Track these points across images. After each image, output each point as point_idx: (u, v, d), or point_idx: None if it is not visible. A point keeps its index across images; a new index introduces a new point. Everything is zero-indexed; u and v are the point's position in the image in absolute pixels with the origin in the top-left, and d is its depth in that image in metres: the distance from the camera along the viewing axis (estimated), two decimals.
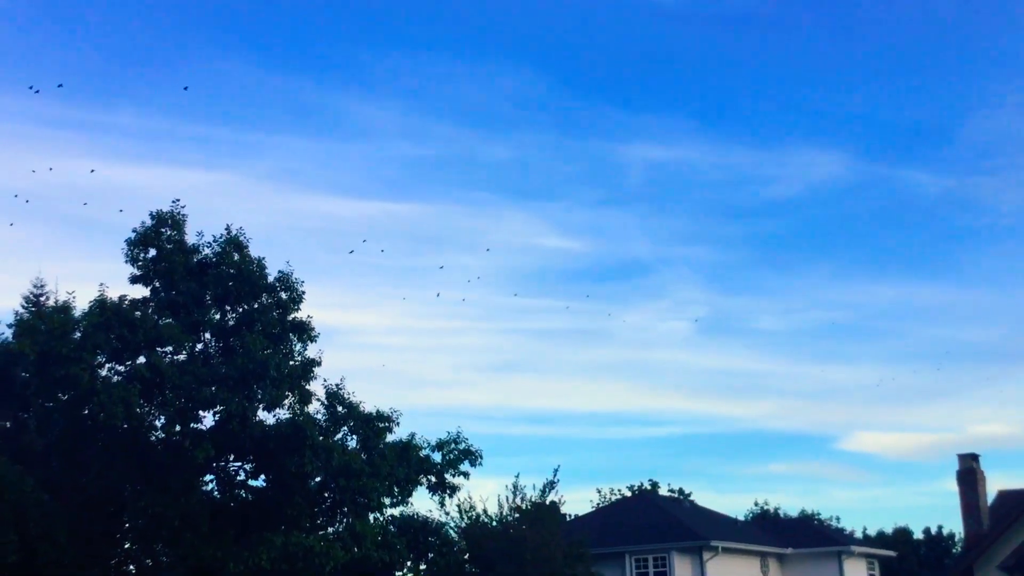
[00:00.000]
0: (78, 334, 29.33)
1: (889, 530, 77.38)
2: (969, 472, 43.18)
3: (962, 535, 49.53)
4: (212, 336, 31.35)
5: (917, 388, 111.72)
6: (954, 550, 72.99)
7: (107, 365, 29.75)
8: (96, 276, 37.64)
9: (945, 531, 76.88)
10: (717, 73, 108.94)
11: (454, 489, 33.32)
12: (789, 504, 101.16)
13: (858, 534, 73.53)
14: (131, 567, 31.13)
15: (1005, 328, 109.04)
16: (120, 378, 29.29)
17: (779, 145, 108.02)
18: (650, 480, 70.81)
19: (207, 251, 31.66)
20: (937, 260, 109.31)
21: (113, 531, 30.43)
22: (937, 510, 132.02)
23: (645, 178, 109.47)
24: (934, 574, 69.32)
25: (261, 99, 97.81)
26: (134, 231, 31.08)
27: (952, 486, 43.74)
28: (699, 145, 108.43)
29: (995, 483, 50.60)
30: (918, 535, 77.64)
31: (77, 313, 30.23)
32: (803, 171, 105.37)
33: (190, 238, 31.69)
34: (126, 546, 31.00)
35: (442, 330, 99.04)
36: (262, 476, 31.04)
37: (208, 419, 30.15)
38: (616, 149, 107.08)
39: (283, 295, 31.76)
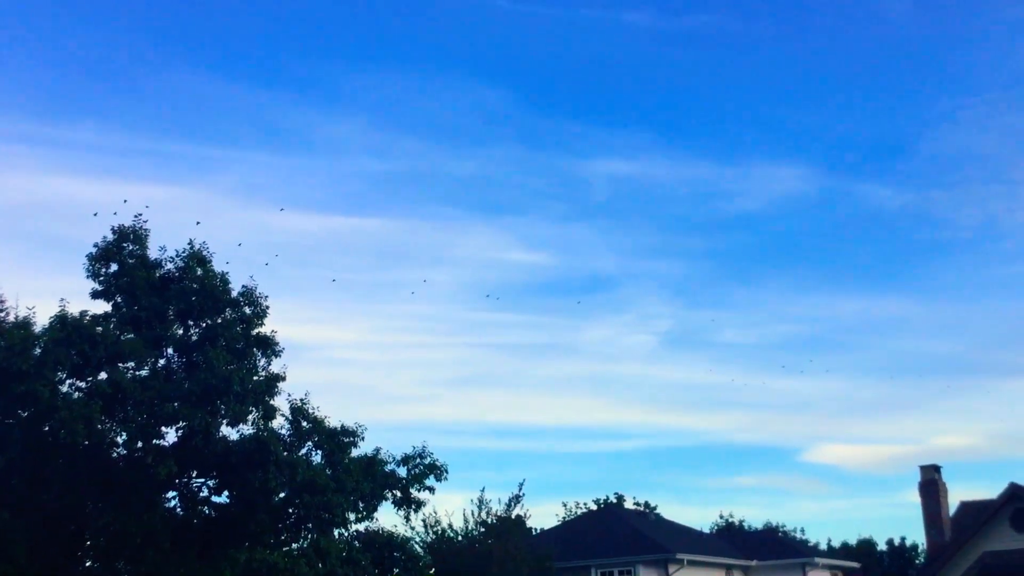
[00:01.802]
0: (38, 350, 29.00)
1: (853, 542, 77.96)
2: (931, 483, 43.49)
3: (925, 546, 49.90)
4: (175, 351, 31.11)
5: (880, 401, 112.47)
6: (917, 561, 73.54)
7: (68, 381, 29.42)
8: (57, 292, 37.10)
9: (908, 542, 77.63)
10: (680, 89, 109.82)
11: (419, 504, 33.17)
12: (754, 516, 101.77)
13: (822, 546, 74.15)
14: None
15: (965, 341, 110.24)
16: (81, 394, 28.98)
17: (742, 160, 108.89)
18: (616, 493, 70.98)
19: (170, 266, 31.46)
20: (898, 273, 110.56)
21: (74, 549, 30.05)
22: (900, 521, 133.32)
23: (610, 192, 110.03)
24: None
25: (225, 114, 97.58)
26: (95, 246, 30.85)
27: (915, 497, 44.09)
28: (663, 160, 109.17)
29: (957, 494, 51.20)
30: (882, 546, 78.25)
31: (37, 329, 29.86)
32: (766, 185, 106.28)
33: (152, 253, 31.50)
34: (87, 564, 30.62)
35: (407, 344, 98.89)
36: (225, 492, 30.79)
37: (171, 435, 29.92)
38: (581, 164, 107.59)
39: (247, 310, 31.57)
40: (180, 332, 31.16)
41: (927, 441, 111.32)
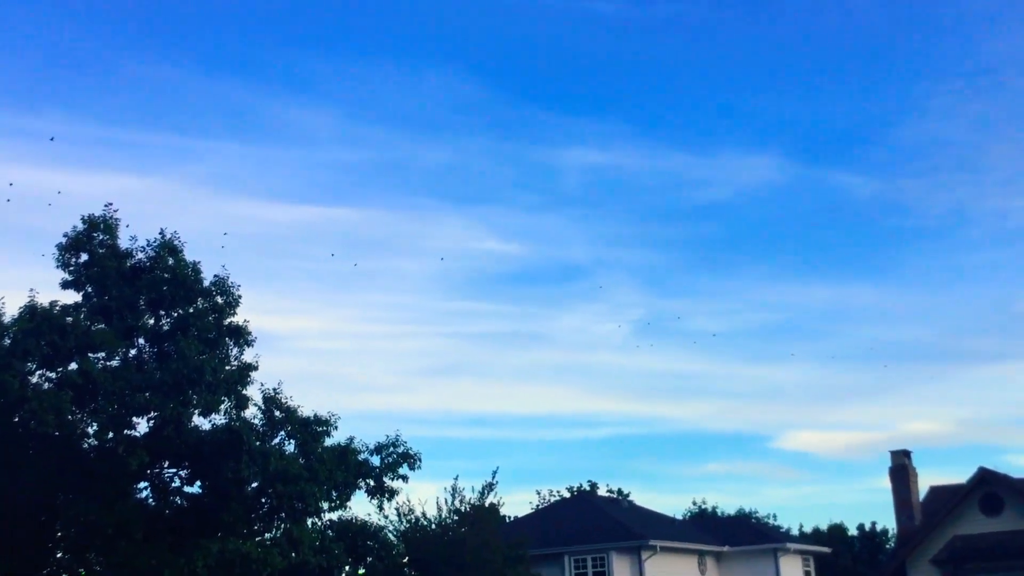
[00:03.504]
0: (7, 340, 28.80)
1: (824, 527, 78.45)
2: (901, 469, 43.84)
3: (895, 531, 50.26)
4: (146, 341, 30.93)
5: (850, 387, 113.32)
6: (888, 545, 74.14)
7: (38, 372, 29.20)
8: (26, 282, 36.87)
9: (879, 527, 78.16)
10: (651, 78, 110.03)
11: (393, 493, 33.16)
12: (726, 503, 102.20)
13: (794, 531, 74.55)
14: None
15: (934, 328, 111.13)
16: (51, 385, 28.77)
17: (712, 149, 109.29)
18: (589, 481, 71.32)
19: (141, 255, 31.24)
20: (869, 261, 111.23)
21: (45, 540, 29.88)
22: (871, 507, 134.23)
23: (581, 182, 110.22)
24: (868, 569, 70.33)
25: (196, 104, 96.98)
26: (65, 235, 30.60)
27: (885, 483, 44.40)
28: (634, 149, 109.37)
29: (927, 479, 51.49)
30: (852, 531, 78.79)
31: (6, 319, 29.65)
32: (736, 174, 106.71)
33: (123, 242, 31.29)
34: (58, 555, 30.44)
35: (381, 334, 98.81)
36: (198, 482, 30.67)
37: (142, 425, 29.76)
38: (552, 153, 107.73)
39: (219, 299, 31.41)
40: (151, 322, 30.98)
41: (897, 427, 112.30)
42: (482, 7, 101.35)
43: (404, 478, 33.07)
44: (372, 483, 32.58)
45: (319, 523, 32.53)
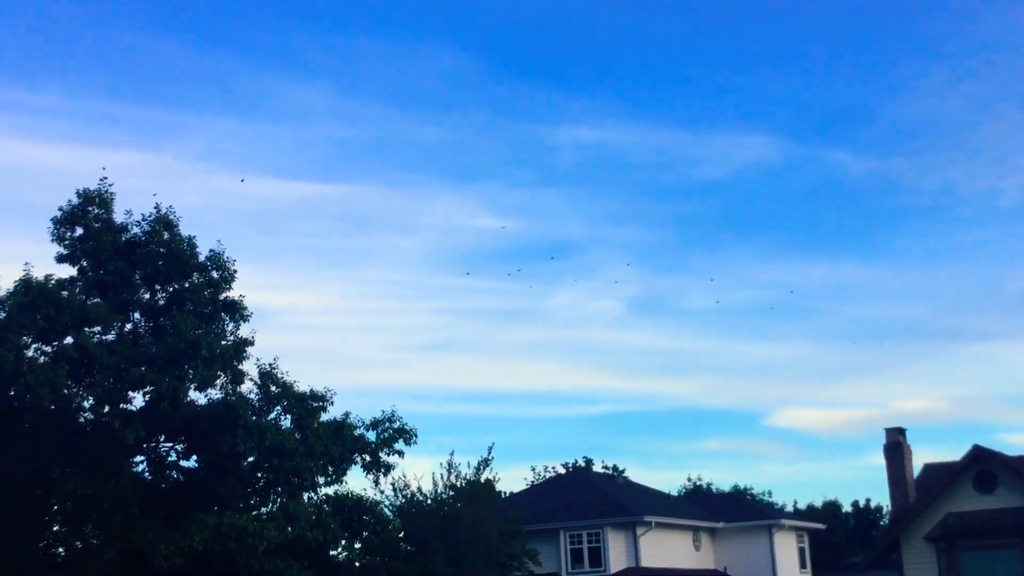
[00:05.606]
0: (2, 315, 28.76)
1: (819, 504, 78.75)
2: (896, 446, 43.93)
3: (889, 507, 50.44)
4: (141, 316, 30.92)
5: (844, 365, 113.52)
6: (881, 522, 74.42)
7: (33, 346, 29.19)
8: (21, 256, 36.81)
9: (873, 504, 78.40)
10: (646, 56, 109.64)
11: (389, 468, 33.20)
12: (721, 480, 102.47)
13: (788, 508, 74.93)
14: (60, 550, 30.65)
15: (927, 306, 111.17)
16: (47, 359, 28.77)
17: (707, 127, 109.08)
18: (584, 457, 71.46)
19: (136, 230, 31.19)
20: (863, 239, 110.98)
21: (41, 514, 29.93)
22: (865, 484, 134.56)
23: (576, 159, 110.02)
24: (862, 546, 70.61)
25: (190, 79, 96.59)
26: (60, 209, 30.53)
27: (879, 460, 44.69)
28: (629, 127, 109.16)
29: (921, 456, 51.72)
30: (847, 508, 79.11)
31: (1, 293, 29.62)
32: (731, 152, 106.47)
33: (118, 217, 31.22)
34: (55, 529, 30.52)
35: (376, 310, 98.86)
36: (194, 457, 30.70)
37: (138, 400, 29.77)
38: (547, 130, 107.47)
39: (214, 274, 31.36)
40: (147, 296, 30.96)
41: (890, 405, 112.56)
42: None
43: (400, 453, 33.13)
44: (368, 458, 32.61)
45: (315, 498, 32.64)
